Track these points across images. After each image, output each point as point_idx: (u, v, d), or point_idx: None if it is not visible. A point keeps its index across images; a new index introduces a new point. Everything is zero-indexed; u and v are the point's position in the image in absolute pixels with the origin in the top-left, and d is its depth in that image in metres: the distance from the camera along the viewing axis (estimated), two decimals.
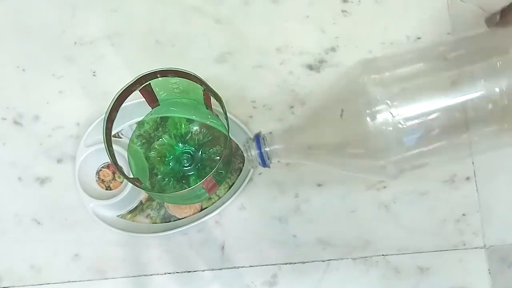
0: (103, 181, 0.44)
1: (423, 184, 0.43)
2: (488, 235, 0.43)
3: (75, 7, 0.47)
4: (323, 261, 0.43)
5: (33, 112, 0.45)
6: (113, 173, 0.44)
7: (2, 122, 0.45)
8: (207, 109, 0.40)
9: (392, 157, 0.33)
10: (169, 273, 0.43)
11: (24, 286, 0.43)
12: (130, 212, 0.43)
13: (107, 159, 0.42)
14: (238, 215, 0.43)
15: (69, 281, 0.43)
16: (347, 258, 0.43)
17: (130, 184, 0.41)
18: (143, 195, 0.43)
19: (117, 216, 0.43)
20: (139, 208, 0.43)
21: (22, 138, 0.45)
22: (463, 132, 0.33)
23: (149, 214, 0.43)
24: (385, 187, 0.43)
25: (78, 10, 0.47)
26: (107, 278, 0.43)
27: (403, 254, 0.43)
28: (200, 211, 0.43)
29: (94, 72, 0.46)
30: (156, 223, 0.43)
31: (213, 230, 0.43)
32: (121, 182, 0.44)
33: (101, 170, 0.44)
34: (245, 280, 0.43)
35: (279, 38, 0.46)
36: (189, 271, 0.43)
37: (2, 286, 0.43)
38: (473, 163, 0.44)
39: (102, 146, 0.35)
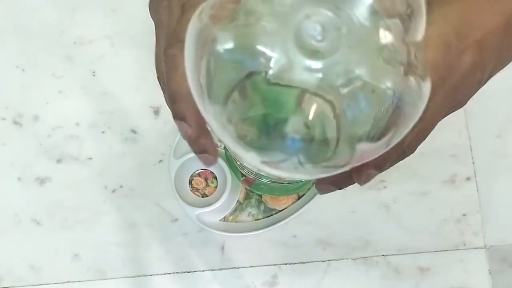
0: (197, 189, 0.43)
1: (423, 184, 0.43)
2: (488, 235, 0.43)
3: (75, 7, 0.47)
4: (323, 261, 0.43)
5: (33, 112, 0.45)
6: (205, 179, 0.43)
7: (2, 122, 0.45)
8: None
9: None
10: (169, 273, 0.43)
11: (24, 286, 0.43)
12: (232, 213, 0.43)
13: (196, 168, 0.43)
14: None
15: (69, 281, 0.43)
16: (347, 258, 0.43)
17: (227, 187, 0.41)
18: (239, 194, 0.43)
19: (220, 220, 0.43)
20: (238, 208, 0.43)
21: (22, 138, 0.45)
22: None
23: (250, 212, 0.43)
24: (385, 187, 0.43)
25: (78, 10, 0.47)
26: (107, 278, 0.43)
27: (403, 254, 0.43)
28: (298, 199, 0.43)
29: (94, 72, 0.46)
30: (258, 219, 0.43)
31: (213, 230, 0.43)
32: (215, 187, 0.43)
33: (193, 179, 0.43)
34: (245, 280, 0.43)
35: None
36: (189, 271, 0.43)
37: (2, 286, 0.43)
38: (473, 163, 0.44)
39: (190, 156, 0.40)
